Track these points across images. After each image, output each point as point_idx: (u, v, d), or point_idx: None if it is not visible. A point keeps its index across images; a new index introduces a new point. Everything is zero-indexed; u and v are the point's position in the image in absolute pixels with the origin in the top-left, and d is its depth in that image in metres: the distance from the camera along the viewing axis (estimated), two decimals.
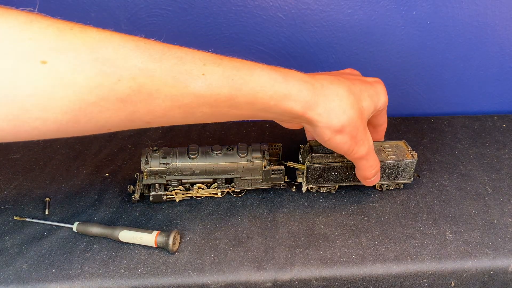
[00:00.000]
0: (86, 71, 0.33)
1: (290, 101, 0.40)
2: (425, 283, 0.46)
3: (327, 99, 0.42)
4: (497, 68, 0.70)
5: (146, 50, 0.36)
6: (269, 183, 0.54)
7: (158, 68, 0.35)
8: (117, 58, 0.34)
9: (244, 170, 0.52)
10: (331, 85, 0.43)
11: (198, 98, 0.38)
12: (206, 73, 0.37)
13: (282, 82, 0.40)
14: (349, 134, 0.43)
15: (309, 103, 0.41)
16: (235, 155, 0.52)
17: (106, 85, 0.34)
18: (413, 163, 0.53)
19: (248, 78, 0.39)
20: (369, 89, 0.46)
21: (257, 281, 0.44)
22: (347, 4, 0.62)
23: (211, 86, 0.37)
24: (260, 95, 0.39)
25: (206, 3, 0.60)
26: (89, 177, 0.57)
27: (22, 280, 0.43)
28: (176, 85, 0.36)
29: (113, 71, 0.34)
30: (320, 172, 0.52)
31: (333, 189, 0.55)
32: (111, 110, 0.35)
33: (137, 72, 0.35)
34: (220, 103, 0.39)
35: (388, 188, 0.55)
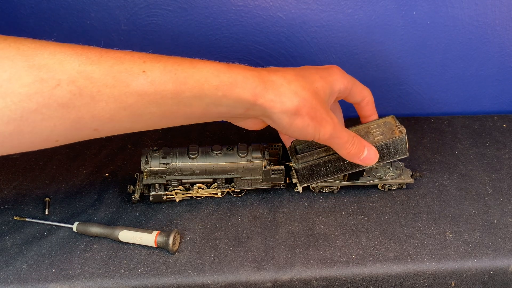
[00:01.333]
0: (23, 78, 0.33)
1: (237, 88, 0.40)
2: (425, 283, 0.46)
3: (275, 84, 0.42)
4: (497, 68, 0.70)
5: (83, 53, 0.35)
6: (269, 183, 0.54)
7: (97, 69, 0.35)
8: (54, 63, 0.34)
9: (244, 170, 0.52)
10: (277, 72, 0.43)
11: (143, 97, 0.37)
12: (146, 70, 0.37)
13: (226, 71, 0.40)
14: (307, 115, 0.43)
15: (257, 89, 0.41)
16: (235, 155, 0.52)
17: (45, 91, 0.33)
18: (402, 139, 0.52)
19: (191, 71, 0.38)
20: (321, 71, 0.46)
21: (257, 281, 0.44)
22: (347, 4, 0.62)
23: (154, 83, 0.37)
24: (206, 86, 0.39)
25: (206, 3, 0.60)
26: (89, 177, 0.57)
27: (22, 280, 0.43)
28: (117, 85, 0.36)
29: (50, 76, 0.33)
30: (308, 170, 0.52)
31: (336, 189, 0.55)
32: (55, 118, 0.35)
33: (76, 75, 0.34)
34: (166, 101, 0.38)
35: (390, 188, 0.55)
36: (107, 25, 0.61)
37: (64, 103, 0.34)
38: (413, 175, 0.56)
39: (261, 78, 0.41)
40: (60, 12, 0.59)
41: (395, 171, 0.55)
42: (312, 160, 0.51)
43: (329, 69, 0.47)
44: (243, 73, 0.41)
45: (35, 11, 0.59)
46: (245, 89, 0.40)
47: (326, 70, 0.47)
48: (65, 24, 0.60)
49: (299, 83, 0.43)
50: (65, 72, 0.34)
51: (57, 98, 0.34)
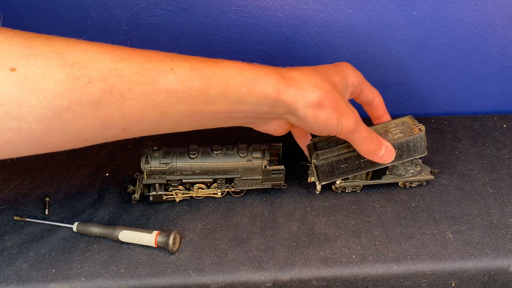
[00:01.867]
0: (56, 76, 0.33)
1: (261, 84, 0.40)
2: (425, 283, 0.46)
3: (296, 79, 0.42)
4: (497, 68, 0.70)
5: (113, 51, 0.36)
6: (269, 183, 0.54)
7: (127, 67, 0.35)
8: (86, 61, 0.34)
9: (244, 170, 0.52)
10: (294, 69, 0.44)
11: (171, 95, 0.37)
12: (174, 68, 0.37)
13: (248, 69, 0.41)
14: (330, 106, 0.43)
15: (279, 85, 0.41)
16: (235, 155, 0.52)
17: (77, 88, 0.33)
18: (422, 137, 0.52)
19: (216, 69, 0.39)
20: (334, 67, 0.47)
21: (257, 281, 0.44)
22: (347, 4, 0.62)
23: (181, 80, 0.37)
24: (231, 83, 0.39)
25: (206, 3, 0.60)
26: (89, 177, 0.57)
27: (22, 280, 0.43)
28: (147, 83, 0.36)
29: (82, 74, 0.34)
30: (329, 167, 0.52)
31: (358, 188, 0.55)
32: (85, 116, 0.35)
33: (107, 73, 0.35)
34: (193, 98, 0.38)
35: (411, 186, 0.56)
36: (107, 25, 0.60)
37: (95, 101, 0.35)
38: (432, 171, 0.56)
39: (281, 74, 0.42)
40: (60, 12, 0.59)
41: (415, 168, 0.56)
42: (332, 156, 0.51)
43: (341, 65, 0.49)
44: (265, 70, 0.41)
45: (35, 11, 0.59)
46: (267, 84, 0.41)
47: (339, 66, 0.48)
48: (65, 24, 0.60)
49: (318, 77, 0.43)
50: (97, 70, 0.34)
51: (89, 96, 0.34)
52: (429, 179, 0.56)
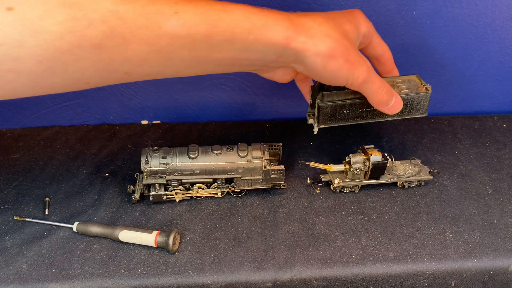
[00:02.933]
0: (55, 17, 0.32)
1: (269, 31, 0.39)
2: (425, 283, 0.46)
3: (306, 26, 0.41)
4: (497, 68, 0.70)
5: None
6: (269, 183, 0.54)
7: (130, 9, 0.34)
8: (86, 2, 0.33)
9: (244, 170, 0.52)
10: (306, 15, 0.42)
11: (175, 40, 0.36)
12: (178, 11, 0.36)
13: (257, 14, 0.39)
14: (341, 56, 0.42)
15: (289, 32, 0.40)
16: (235, 155, 0.52)
17: (77, 31, 0.32)
18: (427, 96, 0.52)
19: (222, 13, 0.37)
20: (346, 15, 0.46)
21: (257, 281, 0.44)
22: (347, 4, 0.62)
23: (186, 24, 0.36)
24: (238, 29, 0.38)
25: None
26: (89, 177, 0.57)
27: (22, 280, 0.43)
28: (150, 26, 0.35)
29: (83, 15, 0.32)
30: (331, 110, 0.51)
31: (356, 188, 0.55)
32: (87, 59, 0.34)
33: (108, 15, 0.33)
34: (198, 44, 0.37)
35: (410, 186, 0.56)
36: None
37: (96, 44, 0.34)
38: (430, 171, 0.56)
39: (291, 21, 0.40)
40: None
41: (413, 169, 0.56)
42: (338, 100, 0.50)
43: (353, 12, 0.47)
44: (274, 16, 0.40)
45: None
46: (277, 31, 0.39)
47: (350, 13, 0.47)
48: None
49: (329, 25, 0.42)
50: (98, 11, 0.33)
51: (90, 38, 0.33)
52: (428, 179, 0.56)
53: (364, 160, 0.53)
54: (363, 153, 0.54)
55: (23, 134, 0.65)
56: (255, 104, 0.72)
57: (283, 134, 0.67)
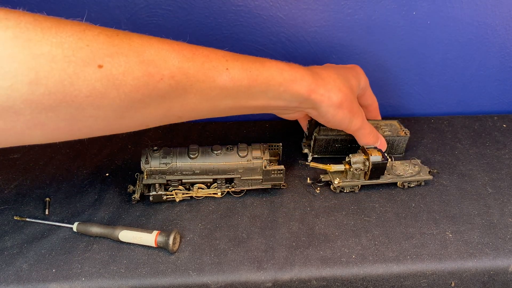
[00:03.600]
0: (135, 73, 0.37)
1: (296, 85, 0.46)
2: (425, 283, 0.46)
3: (325, 81, 0.49)
4: (497, 68, 0.70)
5: (180, 51, 0.40)
6: (269, 183, 0.54)
7: (192, 66, 0.40)
8: (159, 59, 0.38)
9: (244, 170, 0.52)
10: (323, 71, 0.50)
11: (223, 91, 0.42)
12: (229, 68, 0.42)
13: (288, 70, 0.46)
14: (347, 108, 0.50)
15: (311, 86, 0.47)
16: (235, 155, 0.52)
17: (150, 84, 0.38)
18: (405, 139, 0.61)
19: (261, 69, 0.44)
20: (351, 71, 0.54)
21: (257, 281, 0.44)
22: (347, 4, 0.62)
23: (233, 79, 0.42)
24: (272, 82, 0.45)
25: (206, 3, 0.60)
26: (89, 177, 0.57)
27: (22, 280, 0.43)
28: (206, 80, 0.41)
29: (156, 71, 0.38)
30: (326, 143, 0.60)
31: (356, 188, 0.55)
32: (152, 107, 0.39)
33: (175, 71, 0.39)
34: (240, 94, 0.44)
35: (409, 186, 0.56)
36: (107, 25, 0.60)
37: (163, 95, 0.39)
38: (430, 171, 0.56)
39: (314, 76, 0.48)
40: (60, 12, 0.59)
41: (413, 169, 0.56)
42: (332, 134, 0.59)
43: (356, 69, 0.56)
44: (301, 71, 0.47)
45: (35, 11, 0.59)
46: (302, 85, 0.47)
47: (354, 69, 0.55)
48: None
49: (340, 81, 0.50)
50: (168, 68, 0.38)
51: (159, 91, 0.38)
52: (428, 179, 0.56)
53: (364, 160, 0.53)
54: (363, 153, 0.54)
55: None
56: None
57: (283, 134, 0.67)
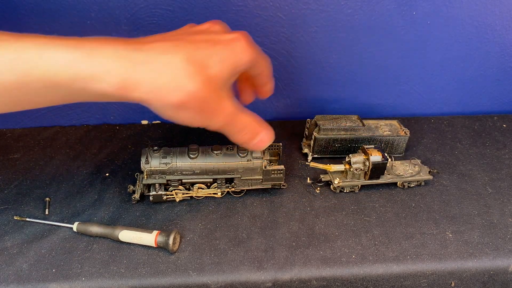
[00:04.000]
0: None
1: (99, 83, 0.34)
2: (425, 283, 0.46)
3: (155, 74, 0.35)
4: (497, 68, 0.70)
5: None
6: (269, 183, 0.54)
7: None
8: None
9: (244, 170, 0.52)
10: (163, 55, 0.36)
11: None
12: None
13: (84, 61, 0.34)
14: (193, 108, 0.37)
15: (127, 82, 0.35)
16: (235, 155, 0.52)
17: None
18: (405, 139, 0.61)
19: (36, 61, 0.33)
20: (221, 51, 0.39)
21: (257, 281, 0.44)
22: (347, 4, 0.62)
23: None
24: (58, 78, 0.33)
25: (206, 3, 0.60)
26: (89, 177, 0.57)
27: (22, 280, 0.43)
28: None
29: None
30: (326, 143, 0.59)
31: (356, 188, 0.55)
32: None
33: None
34: (11, 91, 0.34)
35: (409, 186, 0.56)
36: (107, 25, 0.60)
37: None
38: (430, 171, 0.56)
39: (134, 67, 0.35)
40: (60, 12, 0.59)
41: (413, 169, 0.56)
42: (332, 134, 0.59)
43: (233, 46, 0.40)
44: (107, 63, 0.34)
45: (35, 11, 0.59)
46: (109, 83, 0.34)
47: (228, 48, 0.39)
48: (65, 24, 0.60)
49: (188, 71, 0.36)
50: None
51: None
52: (428, 179, 0.56)
53: (364, 160, 0.53)
54: (363, 153, 0.54)
55: (23, 134, 0.65)
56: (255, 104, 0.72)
57: (283, 134, 0.67)
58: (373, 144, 0.58)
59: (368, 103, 0.72)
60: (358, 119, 0.61)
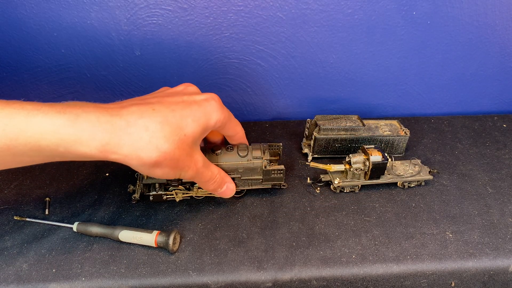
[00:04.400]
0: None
1: (82, 146, 0.37)
2: (425, 283, 0.46)
3: (133, 137, 0.39)
4: (497, 68, 0.70)
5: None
6: (270, 183, 0.54)
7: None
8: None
9: (244, 170, 0.52)
10: (140, 119, 0.39)
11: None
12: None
13: (69, 126, 0.37)
14: (167, 166, 0.41)
15: (108, 146, 0.38)
16: (235, 155, 0.52)
17: None
18: (405, 139, 0.61)
19: (24, 126, 0.36)
20: (195, 112, 0.43)
21: (257, 281, 0.44)
22: (347, 4, 0.62)
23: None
24: (44, 142, 0.36)
25: (206, 3, 0.60)
26: (89, 177, 0.57)
27: (22, 280, 0.43)
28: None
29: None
30: (326, 143, 0.59)
31: (356, 188, 0.55)
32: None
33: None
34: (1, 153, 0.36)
35: (410, 186, 0.56)
36: (107, 25, 0.61)
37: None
38: (430, 171, 0.56)
39: (115, 131, 0.38)
40: (60, 12, 0.59)
41: (413, 169, 0.56)
42: (332, 134, 0.59)
43: (205, 106, 0.44)
44: (91, 128, 0.37)
45: (35, 11, 0.59)
46: (92, 147, 0.37)
47: (201, 109, 0.44)
48: (65, 24, 0.60)
49: (163, 134, 0.40)
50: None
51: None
52: (428, 179, 0.56)
53: (364, 160, 0.53)
54: (363, 153, 0.54)
55: None
56: (255, 104, 0.72)
57: (283, 134, 0.67)
58: (373, 144, 0.58)
59: (368, 103, 0.72)
60: (358, 119, 0.61)
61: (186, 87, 0.47)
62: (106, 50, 0.63)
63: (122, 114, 0.39)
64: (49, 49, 0.62)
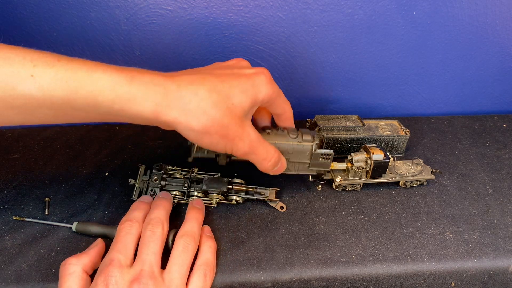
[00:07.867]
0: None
1: (135, 105, 0.38)
2: (425, 283, 0.46)
3: (183, 101, 0.40)
4: (497, 68, 0.70)
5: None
6: (315, 169, 0.53)
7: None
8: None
9: (294, 152, 0.51)
10: (190, 85, 0.40)
11: (31, 100, 0.37)
12: (35, 75, 0.36)
13: (125, 84, 0.38)
14: (216, 133, 0.41)
15: (159, 107, 0.39)
16: (286, 136, 0.51)
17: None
18: (405, 139, 0.61)
19: (85, 81, 0.37)
20: (243, 84, 0.43)
21: (257, 281, 0.44)
22: (347, 4, 0.62)
23: (42, 88, 0.36)
24: (101, 98, 0.37)
25: (206, 3, 0.60)
26: (89, 177, 0.57)
27: (22, 280, 0.43)
28: (3, 87, 0.36)
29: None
30: (326, 142, 0.59)
31: (358, 187, 0.55)
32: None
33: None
34: (58, 106, 0.37)
35: (412, 185, 0.56)
36: (107, 25, 0.60)
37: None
38: (433, 171, 0.56)
39: (167, 93, 0.39)
40: (60, 12, 0.59)
41: (415, 168, 0.56)
42: (332, 134, 0.59)
43: (254, 79, 0.44)
44: (145, 89, 0.39)
45: (35, 11, 0.59)
46: (145, 106, 0.39)
47: (249, 81, 0.44)
48: (65, 24, 0.60)
49: (211, 100, 0.40)
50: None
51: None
52: (430, 179, 0.56)
53: (366, 158, 0.53)
54: (365, 152, 0.54)
55: (23, 134, 0.65)
56: None
57: None
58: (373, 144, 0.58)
59: (368, 103, 0.72)
60: (358, 119, 0.61)
61: (238, 62, 0.48)
62: (106, 50, 0.63)
63: (174, 79, 0.40)
64: (49, 49, 0.62)
